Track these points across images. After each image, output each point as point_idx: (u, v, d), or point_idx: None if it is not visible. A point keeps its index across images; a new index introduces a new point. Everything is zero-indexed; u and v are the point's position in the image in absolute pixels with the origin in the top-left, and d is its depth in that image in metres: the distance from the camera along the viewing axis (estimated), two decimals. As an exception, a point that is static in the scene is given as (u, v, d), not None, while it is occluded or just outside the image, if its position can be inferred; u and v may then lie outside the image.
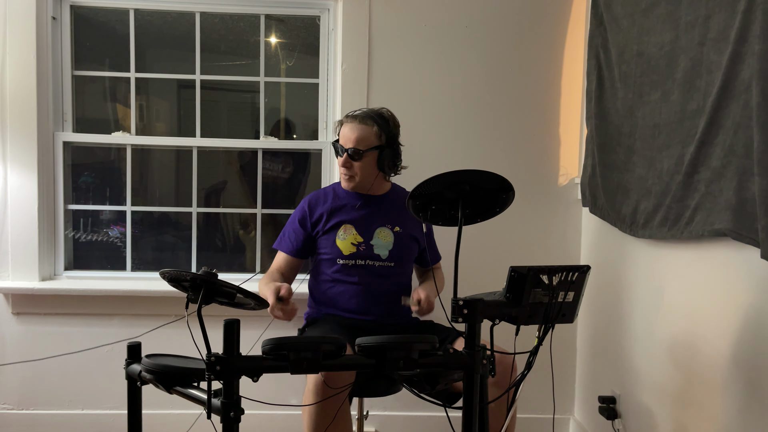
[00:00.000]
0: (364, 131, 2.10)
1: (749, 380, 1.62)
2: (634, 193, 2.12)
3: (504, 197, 1.56)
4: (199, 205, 2.81)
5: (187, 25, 2.75)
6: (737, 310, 1.66)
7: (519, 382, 1.52)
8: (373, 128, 2.10)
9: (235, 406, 1.32)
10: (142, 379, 1.51)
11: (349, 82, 2.65)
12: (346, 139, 2.12)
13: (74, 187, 2.79)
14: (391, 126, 2.15)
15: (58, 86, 2.68)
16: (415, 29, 2.67)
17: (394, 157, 2.16)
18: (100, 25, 2.79)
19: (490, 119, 2.71)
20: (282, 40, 2.86)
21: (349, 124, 2.12)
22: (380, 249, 2.18)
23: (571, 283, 1.46)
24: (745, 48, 1.53)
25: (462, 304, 1.39)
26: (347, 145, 2.12)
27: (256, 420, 2.51)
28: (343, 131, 2.14)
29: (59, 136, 2.67)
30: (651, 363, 2.13)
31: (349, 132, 2.11)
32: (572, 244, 2.77)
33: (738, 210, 1.55)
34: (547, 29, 2.71)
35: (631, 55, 2.17)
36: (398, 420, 2.76)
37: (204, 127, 2.77)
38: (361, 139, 2.10)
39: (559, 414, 2.82)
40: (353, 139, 2.10)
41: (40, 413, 2.68)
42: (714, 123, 1.66)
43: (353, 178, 2.16)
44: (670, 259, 2.01)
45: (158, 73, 2.84)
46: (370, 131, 2.10)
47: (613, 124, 2.31)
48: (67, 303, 2.63)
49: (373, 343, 1.35)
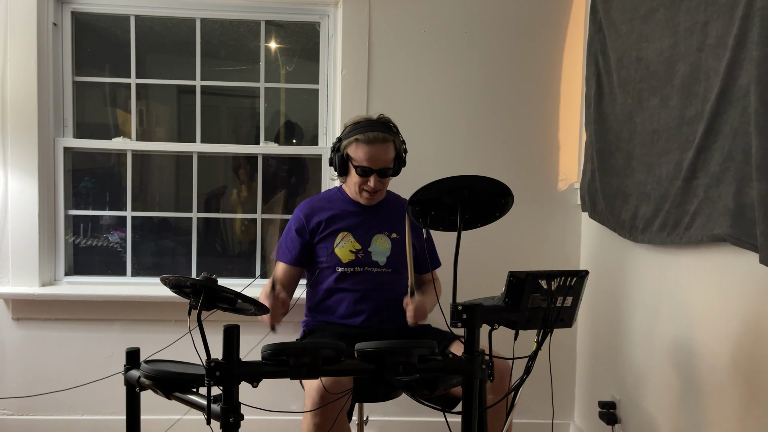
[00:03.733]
0: (390, 149, 2.11)
1: (749, 385, 1.62)
2: (634, 199, 2.12)
3: (503, 202, 1.56)
4: (199, 210, 2.82)
5: (188, 30, 2.76)
6: (736, 314, 1.66)
7: (518, 386, 1.52)
8: (393, 143, 2.12)
9: (234, 412, 1.32)
10: (141, 385, 1.51)
11: (349, 87, 2.66)
12: (374, 160, 2.08)
13: (74, 193, 2.80)
14: (398, 134, 2.17)
15: (58, 92, 2.69)
16: (415, 35, 2.68)
17: (404, 159, 2.20)
18: (100, 31, 2.81)
19: (490, 125, 2.72)
20: (282, 45, 2.87)
21: (373, 146, 2.07)
22: (378, 256, 2.18)
23: (569, 287, 1.46)
24: (743, 54, 1.54)
25: (461, 309, 1.39)
26: (377, 166, 2.09)
27: (256, 426, 2.49)
28: (365, 153, 2.07)
29: (60, 142, 2.68)
30: (651, 368, 2.13)
31: (378, 153, 2.08)
32: (571, 249, 2.77)
33: (737, 215, 1.55)
34: (546, 35, 2.72)
35: (630, 61, 2.18)
36: (398, 425, 2.75)
37: (204, 133, 2.78)
38: (390, 157, 2.12)
39: (559, 419, 2.82)
40: (383, 159, 2.10)
41: (39, 419, 2.67)
42: (712, 129, 1.66)
43: (379, 194, 2.17)
44: (669, 264, 2.01)
45: (158, 79, 2.85)
46: (392, 147, 2.12)
47: (612, 129, 2.32)
48: (67, 308, 2.64)
49: (372, 348, 1.35)
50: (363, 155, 2.08)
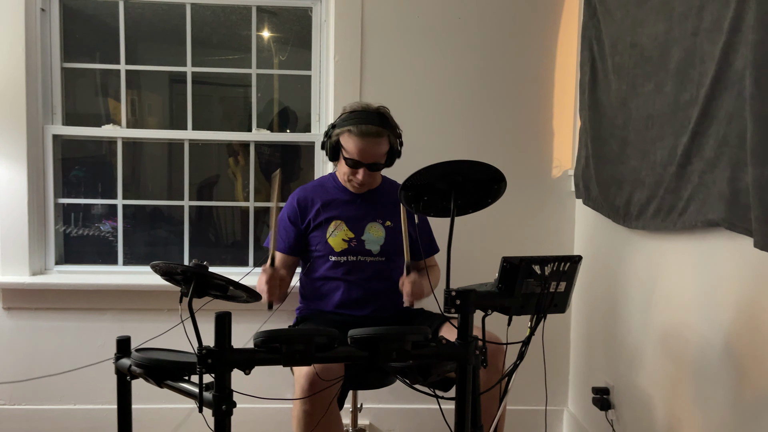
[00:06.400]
0: (383, 145, 2.08)
1: (742, 370, 1.62)
2: (628, 185, 2.12)
3: (496, 188, 1.55)
4: (191, 199, 2.79)
5: (179, 18, 2.72)
6: (730, 300, 1.66)
7: (511, 372, 1.52)
8: (389, 137, 2.09)
9: (226, 399, 1.32)
10: (132, 374, 1.50)
11: (342, 73, 2.63)
12: (364, 154, 2.05)
13: (66, 182, 2.77)
14: (395, 127, 2.13)
15: (47, 79, 2.65)
16: (408, 20, 2.66)
17: (399, 152, 2.17)
18: (89, 18, 2.77)
19: (484, 111, 2.71)
20: (275, 34, 2.84)
21: (364, 140, 2.03)
22: (371, 244, 2.17)
23: (562, 273, 1.46)
24: (738, 38, 1.52)
25: (454, 295, 1.38)
26: (367, 160, 2.07)
27: (249, 414, 2.50)
28: (355, 145, 2.04)
29: (49, 129, 2.65)
30: (644, 353, 2.13)
31: (369, 147, 2.05)
32: (566, 236, 2.77)
33: (731, 200, 1.55)
34: (540, 21, 2.70)
35: (624, 47, 2.16)
36: (392, 412, 2.76)
37: (198, 122, 2.75)
38: (382, 153, 2.10)
39: (553, 405, 2.83)
40: (374, 155, 2.07)
41: (32, 408, 2.66)
42: (707, 114, 1.65)
43: (367, 185, 2.16)
44: (663, 250, 2.01)
45: (149, 66, 2.81)
46: (386, 142, 2.09)
47: (606, 115, 2.31)
48: (58, 297, 2.62)
49: (365, 334, 1.35)
50: (354, 148, 2.05)
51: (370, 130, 2.03)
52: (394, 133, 2.12)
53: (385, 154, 2.11)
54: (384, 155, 2.11)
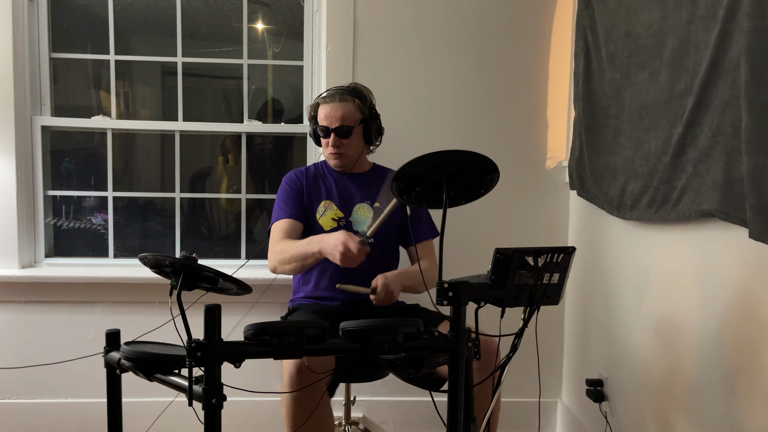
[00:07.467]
0: (347, 108, 2.10)
1: (735, 360, 1.62)
2: (622, 175, 2.11)
3: (489, 178, 1.53)
4: (184, 191, 2.77)
5: (171, 9, 2.69)
6: (725, 290, 1.66)
7: (504, 364, 1.50)
8: (355, 102, 2.11)
9: (216, 393, 1.30)
10: (122, 367, 1.48)
11: (334, 64, 2.61)
12: (330, 119, 2.10)
13: (56, 174, 2.74)
14: (368, 97, 2.16)
15: (35, 69, 2.62)
16: (401, 10, 2.63)
17: (378, 128, 2.19)
18: (78, 8, 2.72)
19: (477, 102, 2.68)
20: (268, 26, 2.81)
21: (329, 104, 2.10)
22: (359, 225, 2.16)
23: (556, 264, 1.45)
24: (733, 26, 1.51)
25: (447, 287, 1.37)
26: (333, 125, 2.10)
27: (239, 407, 2.49)
28: (323, 112, 2.11)
29: (37, 120, 2.61)
30: (639, 345, 2.13)
31: (332, 111, 2.09)
32: (560, 227, 2.76)
33: (726, 190, 1.54)
34: (534, 11, 2.67)
35: (618, 36, 2.15)
36: (385, 405, 2.75)
37: (191, 115, 2.72)
38: (347, 115, 2.10)
39: (547, 397, 2.82)
40: (339, 117, 2.09)
41: (22, 402, 2.64)
42: (702, 102, 1.64)
43: (343, 156, 2.15)
44: (657, 240, 2.00)
45: (139, 56, 2.77)
46: (352, 107, 2.11)
47: (600, 105, 2.29)
48: (48, 291, 2.59)
49: (357, 327, 1.33)
50: (323, 115, 2.11)
51: (333, 95, 2.11)
52: (365, 102, 2.14)
53: (352, 120, 2.11)
54: (351, 120, 2.11)
